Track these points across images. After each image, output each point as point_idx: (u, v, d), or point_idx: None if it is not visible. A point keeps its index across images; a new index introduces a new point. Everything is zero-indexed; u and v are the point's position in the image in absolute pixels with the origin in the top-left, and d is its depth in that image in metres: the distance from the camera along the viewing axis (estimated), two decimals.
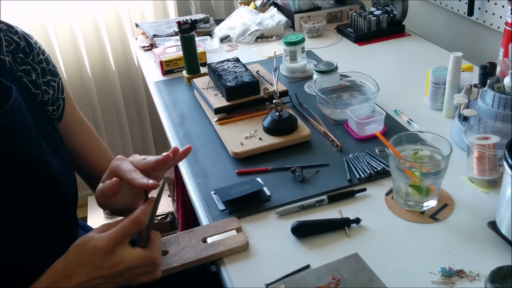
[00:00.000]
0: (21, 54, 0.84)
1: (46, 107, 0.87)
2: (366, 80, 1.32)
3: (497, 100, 1.03)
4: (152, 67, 1.67)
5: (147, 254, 0.70)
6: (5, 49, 0.82)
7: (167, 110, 1.38)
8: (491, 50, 1.55)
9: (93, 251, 0.68)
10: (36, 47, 0.87)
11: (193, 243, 0.88)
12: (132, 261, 0.69)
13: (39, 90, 0.86)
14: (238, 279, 0.82)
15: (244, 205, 0.98)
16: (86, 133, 0.98)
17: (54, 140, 0.86)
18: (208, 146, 1.19)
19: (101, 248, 0.68)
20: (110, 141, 2.34)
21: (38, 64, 0.87)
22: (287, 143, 1.15)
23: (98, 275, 0.68)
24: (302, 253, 0.87)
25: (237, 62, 1.41)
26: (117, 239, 0.69)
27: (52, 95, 0.88)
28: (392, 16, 1.73)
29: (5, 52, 0.81)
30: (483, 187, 0.99)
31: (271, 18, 1.85)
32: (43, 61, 0.88)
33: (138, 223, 0.70)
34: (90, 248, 0.68)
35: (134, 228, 0.70)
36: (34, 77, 0.85)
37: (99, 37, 2.12)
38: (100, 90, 2.21)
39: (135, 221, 0.70)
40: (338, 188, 1.01)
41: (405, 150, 0.95)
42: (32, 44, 0.87)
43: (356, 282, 0.76)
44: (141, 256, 0.70)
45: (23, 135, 0.77)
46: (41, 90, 0.86)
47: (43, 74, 0.87)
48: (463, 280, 0.78)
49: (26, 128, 0.78)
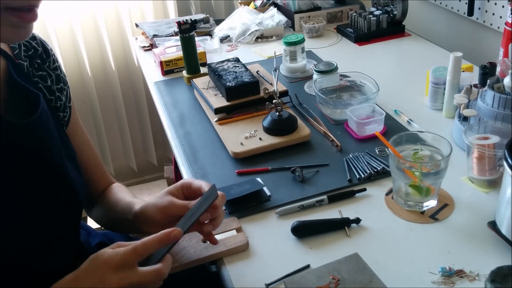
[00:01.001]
0: (38, 59, 0.85)
1: (58, 112, 0.88)
2: (366, 80, 1.32)
3: (497, 100, 1.03)
4: (152, 67, 1.67)
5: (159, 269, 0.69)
6: (24, 54, 0.83)
7: (167, 110, 1.38)
8: (491, 50, 1.55)
9: (103, 264, 0.68)
10: (52, 54, 0.89)
11: (193, 243, 0.88)
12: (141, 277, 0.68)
13: (53, 96, 0.87)
14: (238, 279, 0.82)
15: (244, 205, 0.98)
16: (85, 146, 0.98)
17: (67, 146, 0.87)
18: (208, 146, 1.19)
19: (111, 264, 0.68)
20: (110, 141, 2.34)
21: (53, 71, 0.88)
22: (287, 143, 1.15)
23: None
24: (302, 253, 0.87)
25: (237, 62, 1.41)
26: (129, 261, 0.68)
27: (64, 102, 0.90)
28: (392, 16, 1.73)
29: (23, 56, 0.83)
30: (483, 187, 0.99)
31: (271, 18, 1.85)
32: (57, 68, 0.89)
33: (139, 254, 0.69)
34: (101, 261, 0.68)
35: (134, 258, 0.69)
36: (49, 83, 0.86)
37: (99, 37, 2.12)
38: (100, 90, 2.21)
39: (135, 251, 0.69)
40: (338, 188, 1.01)
41: (405, 150, 0.95)
42: (48, 51, 0.88)
43: (356, 282, 0.76)
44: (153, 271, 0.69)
45: (49, 143, 0.79)
46: (55, 96, 0.87)
47: (57, 81, 0.88)
48: (463, 280, 0.78)
49: (51, 136, 0.80)
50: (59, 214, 0.81)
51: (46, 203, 0.79)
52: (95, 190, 1.00)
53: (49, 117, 0.80)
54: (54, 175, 0.80)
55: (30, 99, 0.78)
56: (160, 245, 0.71)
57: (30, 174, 0.76)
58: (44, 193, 0.78)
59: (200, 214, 0.77)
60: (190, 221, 0.76)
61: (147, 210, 0.85)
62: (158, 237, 0.71)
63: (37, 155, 0.77)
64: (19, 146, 0.74)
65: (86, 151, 0.96)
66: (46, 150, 0.78)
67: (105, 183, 1.02)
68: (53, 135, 0.80)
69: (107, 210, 0.98)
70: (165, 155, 2.51)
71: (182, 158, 1.16)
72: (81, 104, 2.21)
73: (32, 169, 0.76)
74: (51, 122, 0.81)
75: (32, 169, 0.76)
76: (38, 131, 0.76)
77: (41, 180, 0.78)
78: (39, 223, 0.77)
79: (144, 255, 0.70)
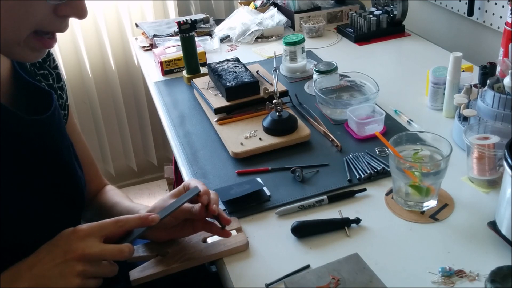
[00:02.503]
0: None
1: (61, 111, 0.89)
2: (366, 80, 1.32)
3: (497, 100, 1.03)
4: (152, 67, 1.67)
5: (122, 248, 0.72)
6: None
7: (167, 110, 1.38)
8: (491, 50, 1.55)
9: (70, 233, 0.70)
10: (51, 53, 0.89)
11: (193, 243, 0.88)
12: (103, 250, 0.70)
13: (55, 94, 0.87)
14: (238, 279, 0.82)
15: (244, 205, 0.98)
16: (80, 145, 0.97)
17: (71, 143, 0.87)
18: (208, 146, 1.19)
19: (78, 232, 0.70)
20: (110, 141, 2.34)
21: (54, 70, 0.88)
22: (287, 143, 1.15)
23: (61, 260, 0.68)
24: (302, 253, 0.87)
25: (237, 62, 1.41)
26: (95, 229, 0.71)
27: (64, 100, 0.90)
28: (392, 16, 1.73)
29: None
30: (483, 187, 0.98)
31: (271, 18, 1.85)
32: (57, 67, 0.90)
33: (118, 225, 0.73)
34: (69, 231, 0.71)
35: (113, 228, 0.73)
36: (51, 82, 0.87)
37: (99, 37, 2.12)
38: (100, 90, 2.21)
39: (117, 222, 0.73)
40: (338, 188, 1.01)
41: (405, 150, 0.95)
42: (49, 50, 0.88)
43: (356, 282, 0.76)
44: (116, 247, 0.71)
45: (60, 140, 0.80)
46: (57, 95, 0.88)
47: (58, 80, 0.89)
48: (463, 280, 0.78)
49: (62, 133, 0.81)
50: (64, 211, 0.82)
51: (53, 199, 0.79)
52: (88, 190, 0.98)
53: (60, 115, 0.81)
54: (63, 173, 0.81)
55: (39, 96, 0.78)
56: (139, 223, 0.75)
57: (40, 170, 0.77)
58: (52, 190, 0.79)
59: (178, 206, 0.81)
60: (169, 210, 0.80)
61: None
62: (139, 216, 0.75)
63: (48, 152, 0.77)
64: (32, 142, 0.75)
65: (80, 150, 0.96)
66: (57, 147, 0.79)
67: (98, 184, 1.03)
68: (64, 133, 0.81)
69: (103, 213, 0.97)
70: (165, 155, 2.51)
71: (182, 158, 1.16)
72: (81, 104, 2.21)
73: (42, 165, 0.77)
74: (62, 120, 0.82)
75: (42, 166, 0.77)
76: (50, 128, 0.77)
77: (50, 177, 0.78)
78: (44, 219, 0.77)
79: (122, 228, 0.73)
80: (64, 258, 0.68)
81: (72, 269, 0.67)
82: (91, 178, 1.00)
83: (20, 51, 0.65)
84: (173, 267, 0.84)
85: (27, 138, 0.74)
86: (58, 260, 0.68)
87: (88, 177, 0.97)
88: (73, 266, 0.67)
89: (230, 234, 0.86)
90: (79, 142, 0.97)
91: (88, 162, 1.00)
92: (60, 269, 0.67)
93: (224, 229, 0.85)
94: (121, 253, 0.71)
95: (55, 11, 0.64)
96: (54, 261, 0.68)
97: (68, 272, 0.67)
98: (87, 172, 0.97)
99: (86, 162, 0.98)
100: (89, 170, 0.99)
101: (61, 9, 0.64)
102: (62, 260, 0.68)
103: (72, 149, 0.86)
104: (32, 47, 0.66)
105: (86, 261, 0.68)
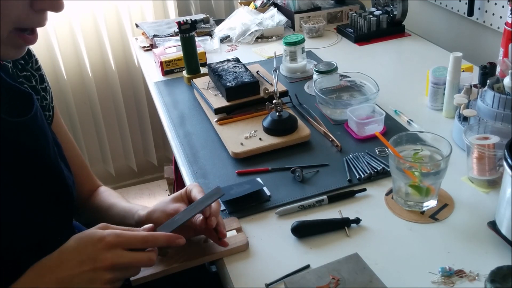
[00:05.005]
0: (21, 60, 0.85)
1: (44, 112, 0.88)
2: (366, 80, 1.32)
3: (497, 100, 1.03)
4: (152, 67, 1.67)
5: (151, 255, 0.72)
6: None
7: (167, 110, 1.38)
8: (491, 50, 1.55)
9: (96, 241, 0.69)
10: (33, 54, 0.89)
11: (193, 243, 0.88)
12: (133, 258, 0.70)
13: (38, 96, 0.87)
14: (238, 279, 0.82)
15: (244, 205, 0.98)
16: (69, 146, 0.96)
17: (57, 144, 0.86)
18: (208, 146, 1.20)
19: (105, 241, 0.69)
20: (110, 141, 2.34)
21: (36, 71, 0.88)
22: (287, 143, 1.15)
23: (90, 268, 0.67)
24: (302, 253, 0.87)
25: (237, 62, 1.41)
26: (123, 242, 0.70)
27: (48, 101, 0.90)
28: (392, 16, 1.73)
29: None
30: (483, 187, 0.99)
31: (271, 18, 1.85)
32: (40, 68, 0.89)
33: (147, 245, 0.72)
34: (95, 239, 0.69)
35: (140, 246, 0.72)
36: (34, 83, 0.86)
37: (99, 37, 2.12)
38: (100, 90, 2.21)
39: (146, 241, 0.72)
40: (338, 188, 1.01)
41: (405, 150, 0.95)
42: (30, 51, 0.88)
43: (356, 282, 0.76)
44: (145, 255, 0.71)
45: (43, 141, 0.79)
46: (40, 96, 0.87)
47: (41, 81, 0.88)
48: (463, 280, 0.78)
49: (45, 134, 0.80)
50: (54, 212, 0.81)
51: (41, 201, 0.78)
52: (80, 192, 0.97)
53: (43, 116, 0.80)
54: (49, 173, 0.80)
55: (21, 98, 0.77)
56: (166, 244, 0.74)
57: (26, 172, 0.76)
58: (39, 191, 0.78)
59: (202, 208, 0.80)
60: (192, 213, 0.80)
61: (154, 215, 0.86)
62: (168, 236, 0.74)
63: (33, 153, 0.76)
64: (15, 144, 0.74)
65: (69, 151, 0.94)
66: (41, 148, 0.78)
67: (91, 186, 1.02)
68: (47, 134, 0.80)
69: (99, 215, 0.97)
70: (165, 155, 2.51)
71: (182, 158, 1.16)
72: (81, 104, 2.21)
73: (28, 167, 0.76)
74: (44, 121, 0.81)
75: (28, 167, 0.76)
76: (33, 129, 0.76)
77: (36, 178, 0.78)
78: (33, 221, 0.77)
79: (148, 246, 0.73)
80: (94, 266, 0.68)
81: (102, 277, 0.68)
82: (83, 180, 0.99)
83: (3, 49, 0.65)
84: (173, 267, 0.84)
85: (11, 140, 0.73)
86: (86, 267, 0.67)
87: (79, 179, 0.96)
88: (103, 275, 0.68)
89: (227, 244, 0.86)
90: (67, 143, 0.96)
91: (78, 163, 0.98)
92: (89, 276, 0.67)
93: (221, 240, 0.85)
94: (150, 261, 0.71)
95: (32, 5, 0.64)
96: (81, 268, 0.67)
97: (97, 279, 0.68)
98: (78, 174, 0.95)
99: (76, 163, 0.97)
100: (80, 171, 0.98)
101: (37, 4, 0.65)
102: (91, 267, 0.67)
103: (58, 149, 0.85)
104: (13, 44, 0.66)
105: (116, 269, 0.69)
